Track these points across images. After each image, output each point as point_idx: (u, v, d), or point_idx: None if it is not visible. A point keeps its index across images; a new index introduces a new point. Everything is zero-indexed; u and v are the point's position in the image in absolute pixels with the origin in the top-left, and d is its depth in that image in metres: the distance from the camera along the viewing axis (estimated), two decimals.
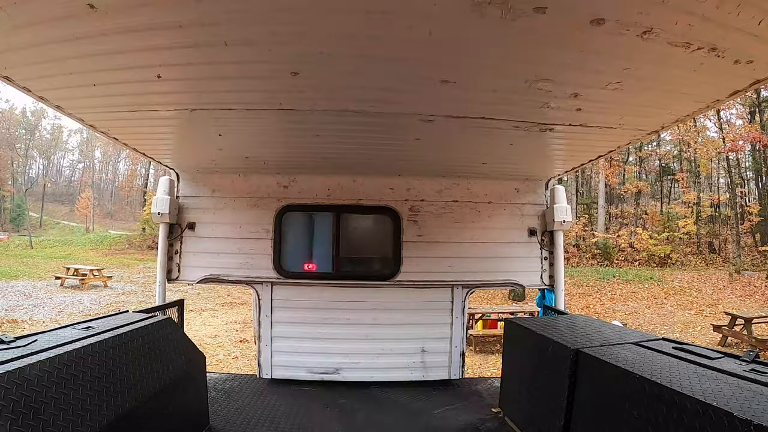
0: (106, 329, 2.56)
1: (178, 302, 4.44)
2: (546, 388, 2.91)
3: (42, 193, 55.12)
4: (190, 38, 1.70)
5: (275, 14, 1.43)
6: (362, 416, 3.80)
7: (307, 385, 4.37)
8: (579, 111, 2.43)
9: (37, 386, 1.79)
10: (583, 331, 3.08)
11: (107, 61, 1.91)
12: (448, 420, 3.75)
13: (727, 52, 1.76)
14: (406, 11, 1.44)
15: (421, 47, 1.67)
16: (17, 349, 2.02)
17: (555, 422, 2.72)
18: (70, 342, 2.22)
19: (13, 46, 1.78)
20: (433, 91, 2.13)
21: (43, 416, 1.75)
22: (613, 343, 2.71)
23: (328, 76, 1.98)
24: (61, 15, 1.61)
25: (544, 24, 1.56)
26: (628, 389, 2.16)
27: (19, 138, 55.41)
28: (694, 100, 2.30)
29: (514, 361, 3.64)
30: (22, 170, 56.67)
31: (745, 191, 27.00)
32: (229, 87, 2.18)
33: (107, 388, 2.16)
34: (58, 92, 2.34)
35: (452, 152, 3.33)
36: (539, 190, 4.21)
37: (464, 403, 4.12)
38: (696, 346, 2.54)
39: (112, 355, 2.33)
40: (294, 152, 3.41)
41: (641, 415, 2.04)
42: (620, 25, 1.59)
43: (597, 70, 1.96)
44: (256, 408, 3.86)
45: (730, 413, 1.62)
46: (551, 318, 4.35)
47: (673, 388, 1.91)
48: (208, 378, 3.58)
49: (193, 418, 3.13)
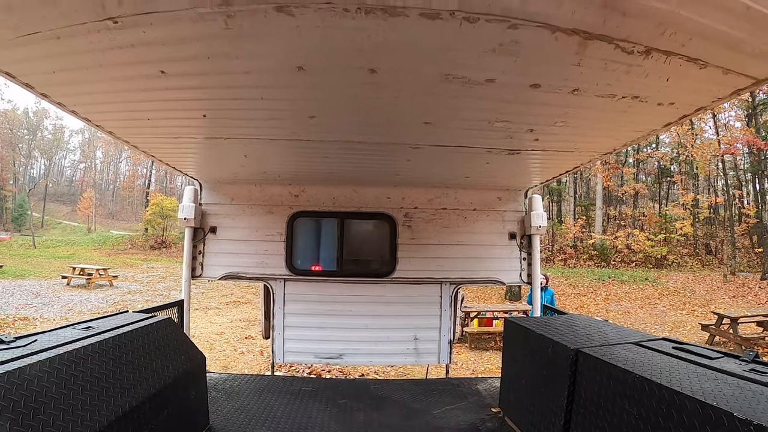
0: (106, 329, 2.56)
1: (178, 302, 4.47)
2: (546, 388, 2.90)
3: (44, 193, 55.25)
4: (235, 95, 2.24)
5: (301, 82, 2.04)
6: (362, 416, 3.80)
7: (310, 384, 4.53)
8: (537, 140, 2.94)
9: (37, 386, 1.79)
10: (583, 331, 3.08)
11: (165, 104, 2.44)
12: (448, 420, 3.75)
13: (649, 98, 2.15)
14: (395, 83, 2.02)
15: (407, 103, 2.29)
16: (17, 349, 2.03)
17: (555, 422, 2.72)
18: (70, 342, 2.23)
19: (82, 79, 2.12)
20: (418, 129, 2.71)
21: (43, 416, 1.75)
22: (613, 343, 2.71)
23: (337, 119, 2.59)
24: (135, 75, 2.02)
25: (494, 89, 2.08)
26: (628, 389, 2.16)
27: (21, 138, 55.52)
28: (633, 130, 2.73)
29: (513, 361, 3.63)
30: (24, 170, 56.83)
31: (743, 193, 27.01)
32: (259, 125, 2.74)
33: (107, 388, 2.17)
34: (113, 123, 2.87)
35: (438, 169, 3.78)
36: (519, 199, 4.71)
37: (464, 403, 4.12)
38: (696, 346, 2.54)
39: (112, 355, 2.33)
40: (305, 168, 3.91)
41: (641, 415, 2.04)
42: (553, 87, 2.06)
43: (543, 114, 2.44)
44: (256, 408, 3.86)
45: (730, 413, 1.62)
46: (551, 318, 4.35)
47: (673, 388, 1.91)
48: (208, 378, 3.59)
49: (193, 418, 3.13)
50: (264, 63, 1.87)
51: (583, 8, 1.44)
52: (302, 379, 5.70)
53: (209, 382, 3.62)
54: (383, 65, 1.81)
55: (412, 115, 2.47)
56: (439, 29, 1.50)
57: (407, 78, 1.95)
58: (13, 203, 51.85)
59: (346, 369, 7.62)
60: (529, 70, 1.89)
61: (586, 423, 2.44)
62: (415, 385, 5.05)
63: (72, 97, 2.37)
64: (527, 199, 4.70)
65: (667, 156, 32.47)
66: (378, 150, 3.21)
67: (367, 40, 1.60)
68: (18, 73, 2.03)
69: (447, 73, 1.92)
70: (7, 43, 1.71)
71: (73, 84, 2.15)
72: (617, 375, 2.25)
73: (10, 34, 1.66)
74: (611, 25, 1.52)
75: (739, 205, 26.63)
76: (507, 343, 3.79)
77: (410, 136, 2.89)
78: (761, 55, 1.74)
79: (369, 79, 1.93)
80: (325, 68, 1.89)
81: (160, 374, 2.64)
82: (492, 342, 9.57)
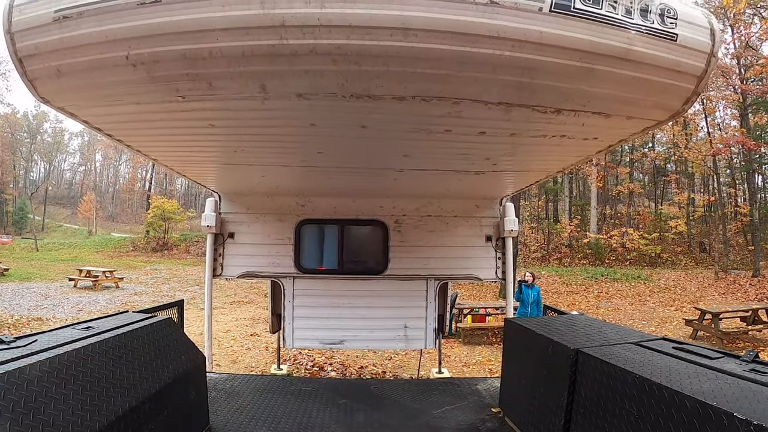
0: (106, 329, 2.57)
1: (177, 302, 4.49)
2: (546, 388, 2.90)
3: (44, 196, 55.30)
4: (263, 139, 2.99)
5: (312, 132, 2.72)
6: (362, 416, 3.80)
7: (310, 384, 4.59)
8: (495, 165, 3.57)
9: (37, 386, 1.79)
10: (583, 331, 3.08)
11: (208, 144, 3.16)
12: (448, 420, 3.75)
13: (574, 136, 2.65)
14: (379, 133, 2.69)
15: (389, 144, 3.01)
16: (17, 349, 2.03)
17: (555, 422, 2.71)
18: (70, 342, 2.23)
19: (145, 126, 2.72)
20: (399, 160, 3.44)
21: (43, 416, 1.75)
22: (613, 343, 2.71)
23: (338, 153, 3.30)
24: (190, 125, 2.62)
25: (452, 136, 2.70)
26: (628, 389, 2.16)
27: (21, 141, 55.60)
28: (572, 156, 3.31)
29: (514, 361, 3.63)
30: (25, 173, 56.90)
31: (737, 192, 27.08)
32: (277, 156, 3.48)
33: (107, 388, 2.17)
34: (160, 153, 3.64)
35: (421, 185, 4.52)
36: (494, 206, 5.36)
37: (464, 403, 4.12)
38: (696, 345, 2.54)
39: (112, 355, 2.33)
40: (311, 184, 4.65)
41: (641, 415, 2.03)
42: (495, 133, 2.65)
43: (493, 149, 3.05)
44: (256, 408, 3.86)
45: (730, 413, 1.62)
46: (551, 318, 4.35)
47: (673, 387, 1.91)
48: (208, 378, 3.59)
49: (193, 418, 3.13)
50: (286, 122, 2.56)
51: (503, 91, 2.03)
52: (302, 379, 5.72)
53: (209, 382, 3.62)
54: (370, 124, 2.49)
55: (393, 151, 3.20)
56: (406, 105, 2.15)
57: (387, 130, 2.63)
58: (14, 206, 51.91)
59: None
60: (473, 124, 2.47)
61: (586, 423, 2.44)
62: (415, 385, 5.05)
63: (132, 136, 3.01)
64: (501, 206, 5.35)
65: (661, 155, 32.57)
66: (370, 172, 3.96)
67: (358, 111, 2.26)
68: (93, 121, 2.59)
69: (415, 128, 2.57)
70: (94, 104, 2.27)
71: (136, 128, 2.76)
72: (617, 375, 2.25)
73: (102, 102, 2.24)
74: (524, 99, 2.10)
75: (734, 204, 26.72)
76: (507, 343, 3.79)
77: (394, 164, 3.64)
78: (655, 106, 2.17)
79: (361, 132, 2.61)
80: (330, 125, 2.55)
81: (159, 374, 2.64)
82: (484, 337, 9.98)
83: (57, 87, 2.05)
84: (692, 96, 2.05)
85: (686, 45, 1.85)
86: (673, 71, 1.90)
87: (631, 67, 1.85)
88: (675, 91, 2.03)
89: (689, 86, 1.99)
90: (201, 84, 1.99)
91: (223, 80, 1.97)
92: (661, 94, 2.05)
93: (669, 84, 1.96)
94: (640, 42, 1.79)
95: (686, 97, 2.06)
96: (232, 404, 3.93)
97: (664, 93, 2.04)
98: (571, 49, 1.76)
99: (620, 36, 1.76)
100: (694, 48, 1.87)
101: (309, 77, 1.92)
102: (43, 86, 2.04)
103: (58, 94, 2.14)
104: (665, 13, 1.80)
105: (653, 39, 1.80)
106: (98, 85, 2.02)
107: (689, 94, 2.03)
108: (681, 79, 1.95)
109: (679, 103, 2.12)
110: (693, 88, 2.00)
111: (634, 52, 1.80)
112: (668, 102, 2.13)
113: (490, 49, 1.72)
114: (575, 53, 1.78)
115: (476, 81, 1.93)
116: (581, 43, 1.75)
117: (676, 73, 1.91)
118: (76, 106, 2.30)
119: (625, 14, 1.76)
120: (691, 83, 1.98)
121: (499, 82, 1.92)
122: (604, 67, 1.84)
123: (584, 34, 1.73)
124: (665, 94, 2.05)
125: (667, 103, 2.13)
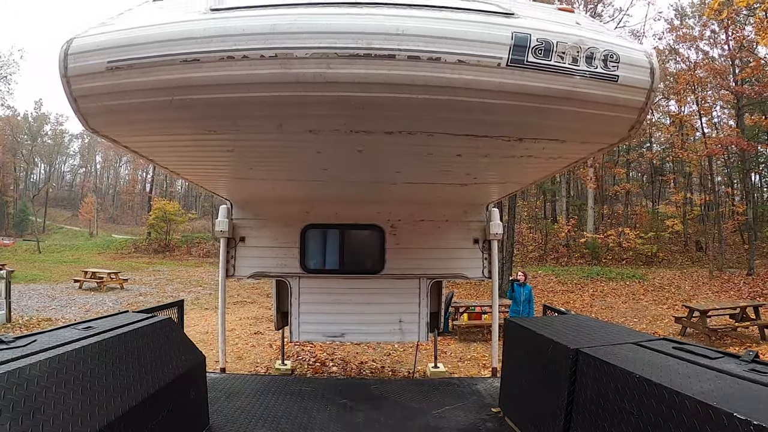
0: (105, 329, 2.57)
1: (177, 302, 4.50)
2: (546, 388, 2.90)
3: (45, 197, 55.31)
4: (275, 160, 3.45)
5: (318, 156, 3.18)
6: (362, 416, 3.80)
7: (310, 384, 4.65)
8: (475, 179, 4.06)
9: (37, 386, 1.79)
10: (583, 331, 3.08)
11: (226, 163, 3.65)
12: (448, 420, 3.74)
13: (540, 156, 3.04)
14: (374, 155, 3.14)
15: (382, 163, 3.46)
16: (17, 349, 2.03)
17: (555, 422, 2.71)
18: (70, 342, 2.23)
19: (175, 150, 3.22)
20: (392, 175, 3.91)
21: (43, 416, 1.75)
22: (612, 343, 2.71)
23: (340, 169, 3.74)
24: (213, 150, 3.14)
25: (434, 158, 3.16)
26: (628, 389, 2.16)
27: (22, 143, 55.64)
28: (542, 171, 3.75)
29: (514, 361, 3.63)
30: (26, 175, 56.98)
31: (733, 191, 27.10)
32: (286, 173, 4.02)
33: (107, 388, 2.17)
34: (183, 169, 4.10)
35: (414, 194, 4.95)
36: (481, 212, 5.81)
37: (464, 403, 4.12)
38: (696, 346, 2.53)
39: (112, 355, 2.33)
40: (314, 193, 5.05)
41: (641, 415, 2.03)
42: (470, 155, 3.09)
43: (472, 166, 3.51)
44: (256, 408, 3.86)
45: (730, 413, 1.62)
46: (551, 318, 4.35)
47: (673, 388, 1.91)
48: (208, 378, 3.59)
49: (193, 418, 3.13)
50: (297, 150, 3.07)
51: (468, 127, 2.45)
52: (302, 379, 5.75)
53: (209, 382, 3.62)
54: (366, 148, 2.92)
55: (387, 168, 3.69)
56: (393, 137, 2.60)
57: (380, 153, 3.11)
58: (15, 209, 51.95)
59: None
60: (449, 149, 2.92)
61: (586, 423, 2.44)
62: (415, 385, 5.05)
63: (163, 157, 3.52)
64: (488, 212, 5.83)
65: (658, 155, 32.57)
66: (367, 184, 4.48)
67: (357, 141, 2.73)
68: (132, 146, 3.02)
69: (403, 151, 3.02)
70: (135, 135, 2.73)
71: (168, 152, 3.27)
72: (617, 375, 2.25)
73: (142, 133, 2.66)
74: (489, 132, 2.52)
75: (730, 203, 26.71)
76: (507, 344, 3.79)
77: (388, 179, 4.11)
78: (603, 133, 2.56)
79: (359, 155, 3.06)
80: (334, 151, 3.03)
81: (159, 374, 2.64)
82: (480, 334, 10.29)
83: (106, 121, 2.42)
84: (636, 124, 2.38)
85: (627, 84, 2.17)
86: (616, 105, 2.22)
87: (577, 105, 2.17)
88: (619, 122, 2.36)
89: (632, 117, 2.32)
90: (228, 122, 2.42)
91: (247, 120, 2.40)
92: (607, 125, 2.40)
93: (613, 116, 2.30)
94: (584, 84, 2.11)
95: (630, 125, 2.39)
96: (232, 404, 3.93)
97: (609, 123, 2.38)
98: (525, 93, 2.11)
99: (565, 81, 2.09)
100: (634, 86, 2.19)
101: (318, 119, 2.38)
102: (93, 120, 2.38)
103: (107, 127, 2.53)
104: (608, 58, 2.12)
105: (596, 81, 2.12)
106: (142, 120, 2.39)
107: (633, 123, 2.37)
108: (623, 112, 2.28)
109: (625, 130, 2.46)
110: (636, 118, 2.33)
111: (577, 92, 2.12)
112: (615, 129, 2.47)
113: (460, 97, 2.12)
114: (528, 96, 2.12)
115: (448, 120, 2.36)
116: (533, 88, 2.10)
117: (619, 106, 2.23)
118: (119, 135, 2.74)
119: (571, 63, 2.08)
120: (634, 114, 2.30)
121: (466, 120, 2.35)
122: (553, 106, 2.18)
123: (535, 81, 2.08)
124: (611, 124, 2.39)
125: (613, 130, 2.49)
